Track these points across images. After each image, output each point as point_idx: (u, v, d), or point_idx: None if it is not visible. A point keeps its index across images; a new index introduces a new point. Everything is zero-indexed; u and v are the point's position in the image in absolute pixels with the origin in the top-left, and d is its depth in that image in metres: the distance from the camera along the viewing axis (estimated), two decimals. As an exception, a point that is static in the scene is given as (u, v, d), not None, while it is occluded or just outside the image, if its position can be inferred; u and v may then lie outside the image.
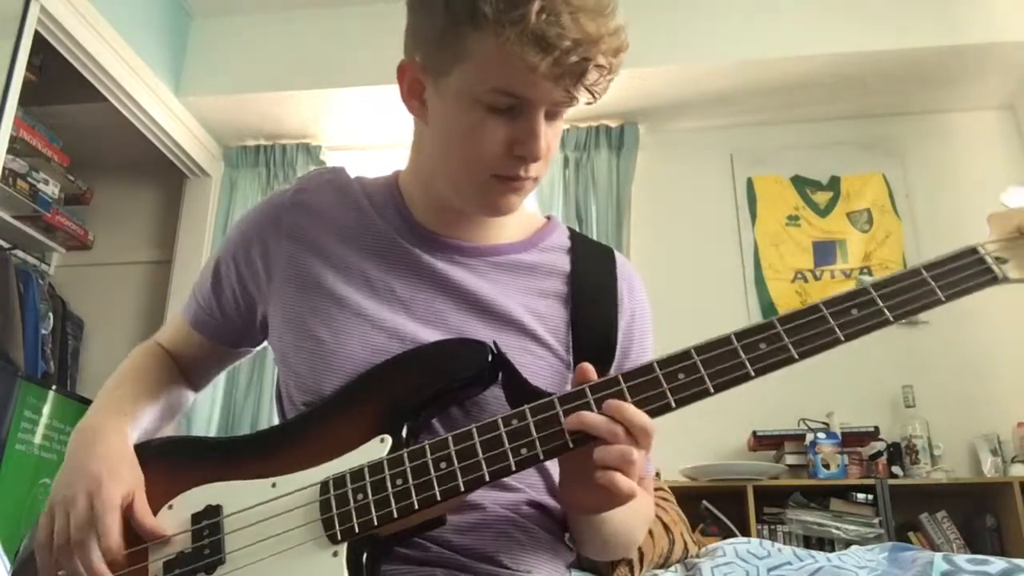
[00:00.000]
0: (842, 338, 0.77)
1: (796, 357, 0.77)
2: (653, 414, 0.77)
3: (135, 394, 1.00)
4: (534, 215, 1.07)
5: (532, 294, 0.96)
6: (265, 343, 1.06)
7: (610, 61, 0.83)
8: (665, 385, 0.77)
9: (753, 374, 0.77)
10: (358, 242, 0.97)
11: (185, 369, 1.09)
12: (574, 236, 1.05)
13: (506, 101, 0.83)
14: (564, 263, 1.01)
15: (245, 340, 1.08)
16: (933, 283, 0.78)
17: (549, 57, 0.78)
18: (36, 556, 0.85)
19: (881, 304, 0.78)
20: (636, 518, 0.93)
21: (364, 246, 0.97)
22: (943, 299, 0.78)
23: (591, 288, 0.99)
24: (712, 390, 0.77)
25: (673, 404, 0.77)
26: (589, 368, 0.80)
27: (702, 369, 0.77)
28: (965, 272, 0.79)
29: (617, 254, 1.05)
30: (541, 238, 1.02)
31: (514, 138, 0.85)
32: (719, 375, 0.77)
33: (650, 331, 1.03)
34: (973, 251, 0.80)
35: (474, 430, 0.79)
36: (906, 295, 0.78)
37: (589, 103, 0.87)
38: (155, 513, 0.85)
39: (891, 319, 0.78)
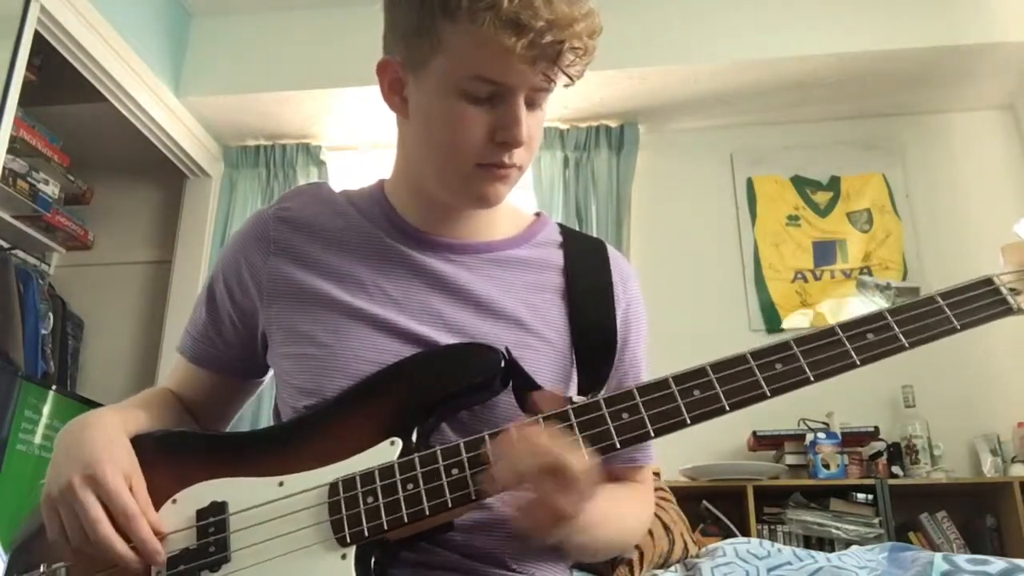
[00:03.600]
0: (858, 362, 0.78)
1: (812, 379, 0.78)
2: (667, 430, 0.77)
3: (135, 405, 0.98)
4: (523, 212, 1.07)
5: (527, 289, 0.96)
6: (271, 373, 1.03)
7: (585, 43, 0.83)
8: (680, 401, 0.78)
9: (769, 394, 0.78)
10: (347, 248, 0.97)
11: (196, 414, 1.05)
12: (565, 231, 1.05)
13: (485, 88, 0.84)
14: (557, 257, 1.01)
15: (250, 368, 1.04)
16: (949, 312, 0.80)
17: (524, 39, 0.79)
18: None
19: (897, 330, 0.79)
20: (618, 522, 0.92)
21: (353, 251, 0.96)
22: (958, 328, 0.79)
23: (586, 280, 0.99)
24: (728, 408, 0.77)
25: (688, 421, 0.77)
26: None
27: (717, 386, 0.78)
28: (980, 302, 0.80)
29: (608, 246, 1.05)
30: (533, 234, 1.02)
31: (495, 125, 0.86)
32: (735, 393, 0.78)
33: (645, 320, 1.03)
34: (988, 282, 0.81)
35: (486, 437, 0.79)
36: (922, 322, 0.79)
37: (567, 86, 0.87)
38: (159, 507, 0.83)
39: (907, 345, 0.79)
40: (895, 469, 2.83)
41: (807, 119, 3.46)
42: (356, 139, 3.60)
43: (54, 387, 2.78)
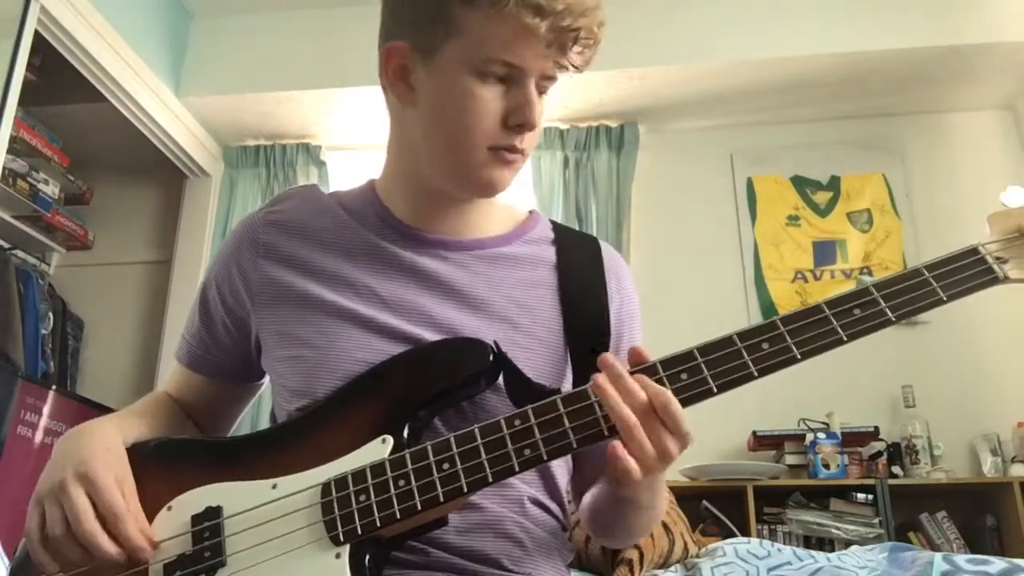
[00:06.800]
0: (844, 338, 0.77)
1: (799, 357, 0.77)
2: None
3: (134, 413, 0.99)
4: (515, 209, 1.07)
5: (519, 286, 0.96)
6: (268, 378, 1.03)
7: (594, 33, 0.87)
8: (668, 386, 0.77)
9: (756, 374, 0.77)
10: (336, 248, 0.97)
11: (197, 419, 1.06)
12: (557, 228, 1.05)
13: (500, 71, 0.86)
14: (549, 254, 1.00)
15: (247, 373, 1.04)
16: (935, 283, 0.78)
17: (546, 20, 0.82)
18: (31, 554, 0.84)
19: (883, 304, 0.78)
20: (662, 500, 0.93)
21: (342, 251, 0.96)
22: (944, 299, 0.78)
23: (579, 277, 0.99)
24: (715, 390, 0.77)
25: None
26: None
27: (705, 370, 0.77)
28: (966, 272, 0.79)
29: (602, 243, 1.05)
30: (525, 230, 1.02)
31: (509, 108, 0.88)
32: (722, 375, 0.77)
33: (639, 317, 1.03)
34: (974, 251, 0.80)
35: (476, 431, 0.79)
36: (908, 295, 0.78)
37: (575, 71, 0.90)
38: (154, 514, 0.84)
39: (893, 319, 0.78)
40: (895, 469, 2.83)
41: (807, 119, 3.46)
42: (356, 139, 3.60)
43: (54, 387, 2.77)
